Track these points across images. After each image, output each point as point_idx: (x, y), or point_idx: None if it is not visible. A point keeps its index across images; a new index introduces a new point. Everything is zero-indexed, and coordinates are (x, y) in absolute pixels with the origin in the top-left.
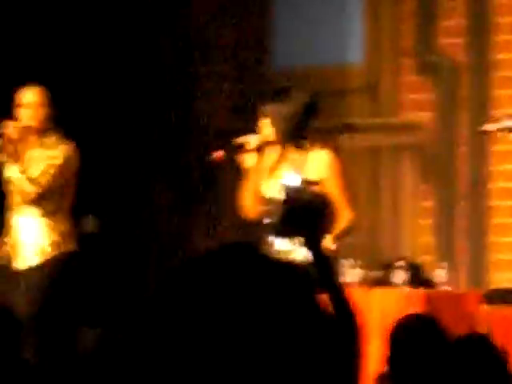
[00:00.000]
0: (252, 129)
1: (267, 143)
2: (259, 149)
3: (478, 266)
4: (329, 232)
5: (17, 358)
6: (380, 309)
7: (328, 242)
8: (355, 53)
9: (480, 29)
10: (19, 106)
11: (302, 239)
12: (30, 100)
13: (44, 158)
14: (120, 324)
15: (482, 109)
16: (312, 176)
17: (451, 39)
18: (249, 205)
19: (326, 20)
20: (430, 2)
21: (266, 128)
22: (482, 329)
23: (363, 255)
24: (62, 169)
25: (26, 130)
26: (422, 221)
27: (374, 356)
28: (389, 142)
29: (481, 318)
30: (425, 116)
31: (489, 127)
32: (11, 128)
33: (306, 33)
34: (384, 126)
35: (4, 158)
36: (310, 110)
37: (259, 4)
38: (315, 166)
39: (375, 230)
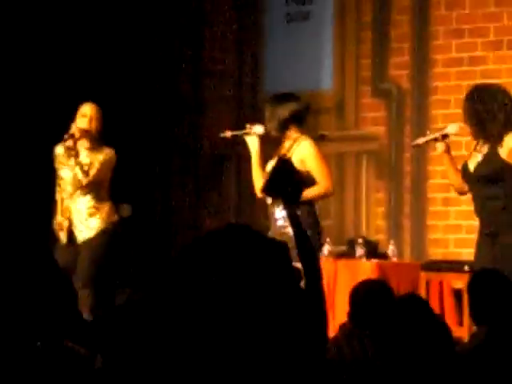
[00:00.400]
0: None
1: (267, 133)
2: (262, 136)
3: (419, 243)
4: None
5: (77, 314)
6: (344, 275)
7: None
8: (326, 81)
9: (421, 63)
10: (81, 115)
11: (281, 201)
12: (88, 112)
13: (93, 157)
14: (147, 286)
15: (422, 124)
16: (298, 157)
17: (399, 71)
18: (258, 183)
19: (304, 56)
20: (383, 44)
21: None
22: (421, 290)
23: (332, 234)
24: (104, 165)
25: (84, 133)
26: (376, 208)
27: (339, 311)
28: (351, 149)
29: (420, 283)
30: (379, 129)
31: (418, 141)
32: (75, 128)
33: (289, 66)
34: (348, 137)
35: (62, 152)
36: (297, 115)
37: (254, 43)
38: (301, 150)
39: (341, 216)
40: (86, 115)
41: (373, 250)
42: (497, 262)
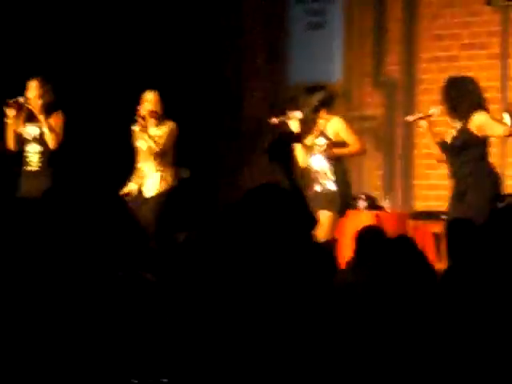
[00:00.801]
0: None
1: (303, 117)
2: (301, 120)
3: (407, 198)
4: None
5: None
6: (351, 223)
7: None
8: (337, 75)
9: (410, 61)
10: (146, 100)
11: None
12: (151, 97)
13: (160, 130)
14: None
15: (410, 108)
16: (333, 131)
17: (393, 67)
18: (301, 160)
19: (320, 55)
20: (380, 46)
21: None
22: (409, 235)
23: None
24: (169, 136)
25: (150, 113)
26: (375, 172)
27: (347, 250)
28: (356, 127)
29: (409, 229)
30: (377, 111)
31: (409, 118)
32: (143, 110)
33: (309, 63)
34: (353, 117)
35: (138, 129)
36: (325, 101)
37: (282, 46)
38: (333, 125)
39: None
40: (150, 100)
41: (372, 204)
42: (464, 214)
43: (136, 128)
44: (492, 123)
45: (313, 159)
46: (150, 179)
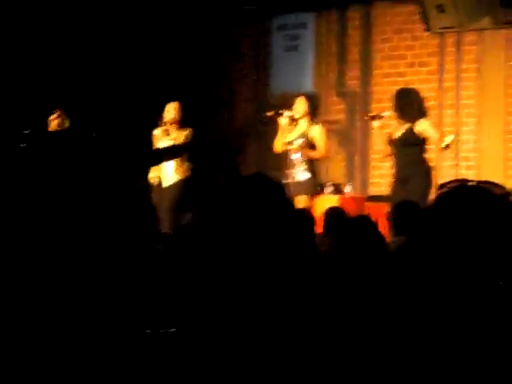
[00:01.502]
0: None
1: (292, 117)
2: (290, 117)
3: (365, 185)
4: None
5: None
6: (319, 205)
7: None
8: (308, 86)
9: (366, 76)
10: (168, 110)
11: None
12: (172, 108)
13: (180, 134)
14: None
15: (367, 113)
16: (311, 135)
17: (352, 81)
18: (277, 147)
19: (295, 71)
20: (342, 64)
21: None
22: (366, 213)
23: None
24: (186, 139)
25: (172, 120)
26: (339, 164)
27: (318, 225)
28: (325, 129)
29: (366, 209)
30: (340, 116)
31: (369, 115)
32: (167, 118)
33: (286, 77)
34: (322, 121)
35: (158, 132)
36: (314, 109)
37: (266, 64)
38: (313, 131)
39: (318, 169)
40: (171, 110)
41: (336, 189)
42: (407, 197)
43: (156, 132)
44: (431, 131)
45: (291, 152)
46: (167, 173)
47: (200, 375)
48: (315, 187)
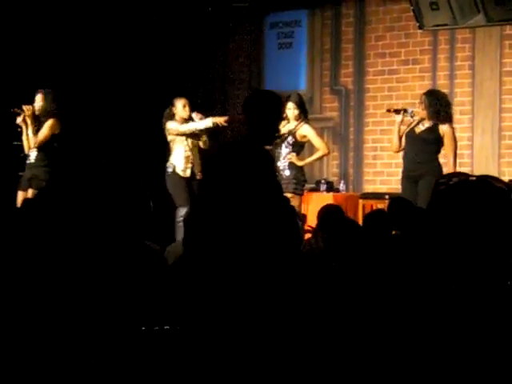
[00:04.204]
0: None
1: (285, 117)
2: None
3: (358, 182)
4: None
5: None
6: (314, 202)
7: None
8: (302, 84)
9: (359, 74)
10: (183, 105)
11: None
12: (185, 102)
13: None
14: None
15: (360, 111)
16: (299, 134)
17: (346, 78)
18: None
19: (289, 69)
20: (336, 61)
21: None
22: (359, 211)
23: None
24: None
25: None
26: (333, 161)
27: (310, 223)
28: (317, 126)
29: (359, 206)
30: (334, 114)
31: (388, 109)
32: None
33: (280, 75)
34: (315, 119)
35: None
36: (304, 109)
37: (259, 62)
38: (302, 130)
39: (312, 166)
40: (186, 104)
41: (331, 187)
42: (417, 196)
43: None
44: (452, 138)
45: (281, 149)
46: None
47: (192, 371)
48: (302, 183)
